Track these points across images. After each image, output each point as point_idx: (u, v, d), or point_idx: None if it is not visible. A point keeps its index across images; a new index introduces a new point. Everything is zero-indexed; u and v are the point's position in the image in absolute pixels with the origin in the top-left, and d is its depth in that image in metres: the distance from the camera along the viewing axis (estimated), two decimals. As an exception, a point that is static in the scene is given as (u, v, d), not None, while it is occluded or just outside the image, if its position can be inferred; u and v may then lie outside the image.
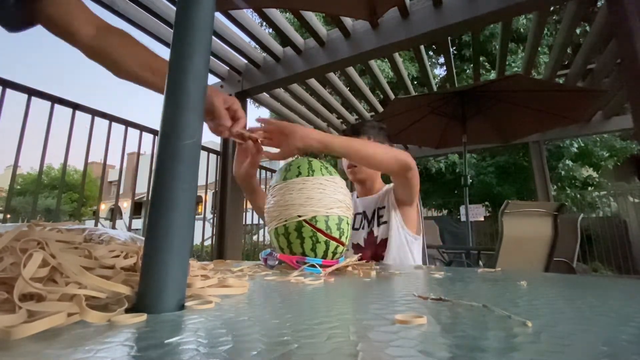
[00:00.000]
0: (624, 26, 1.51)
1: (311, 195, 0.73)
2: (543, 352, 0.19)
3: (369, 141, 1.03)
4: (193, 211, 0.34)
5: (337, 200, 0.75)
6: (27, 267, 0.29)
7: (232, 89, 2.91)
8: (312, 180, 0.75)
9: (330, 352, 0.19)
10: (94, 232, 0.51)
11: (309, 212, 0.71)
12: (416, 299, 0.36)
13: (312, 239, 0.72)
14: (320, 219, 0.72)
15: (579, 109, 2.80)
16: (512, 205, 2.03)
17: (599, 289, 0.46)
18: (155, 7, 2.06)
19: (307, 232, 0.72)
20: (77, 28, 0.67)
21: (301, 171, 0.77)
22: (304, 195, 0.73)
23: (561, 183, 7.18)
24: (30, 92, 1.70)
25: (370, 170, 1.27)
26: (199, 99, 0.36)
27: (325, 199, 0.73)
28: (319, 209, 0.72)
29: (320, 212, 0.72)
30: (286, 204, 0.73)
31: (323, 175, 0.77)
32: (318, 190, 0.74)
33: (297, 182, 0.75)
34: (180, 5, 0.38)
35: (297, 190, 0.73)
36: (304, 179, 0.75)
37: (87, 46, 0.69)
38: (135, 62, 0.70)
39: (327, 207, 0.73)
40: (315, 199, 0.73)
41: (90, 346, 0.21)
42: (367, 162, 0.99)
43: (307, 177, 0.75)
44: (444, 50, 2.81)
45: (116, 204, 2.19)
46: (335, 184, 0.77)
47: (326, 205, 0.73)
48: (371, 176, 1.29)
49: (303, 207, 0.72)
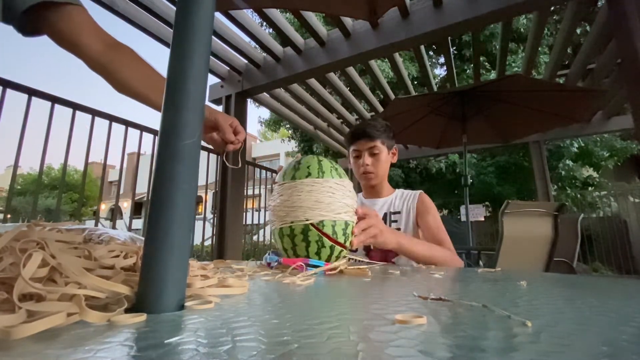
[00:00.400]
0: (624, 26, 1.51)
1: (320, 198, 0.72)
2: (543, 352, 0.19)
3: (432, 246, 1.07)
4: (193, 211, 0.34)
5: (345, 204, 0.75)
6: (27, 267, 0.29)
7: (232, 89, 2.91)
8: (322, 183, 0.74)
9: (330, 352, 0.19)
10: (94, 232, 0.51)
11: (316, 216, 0.71)
12: (416, 299, 0.36)
13: (317, 243, 0.72)
14: (328, 223, 0.72)
15: (579, 109, 2.80)
16: (512, 205, 2.03)
17: (599, 289, 0.46)
18: (155, 7, 2.06)
19: (314, 235, 0.71)
20: (85, 43, 0.69)
21: (311, 172, 0.76)
22: (313, 197, 0.72)
23: (561, 183, 7.18)
24: (30, 92, 1.70)
25: (383, 175, 1.29)
26: (199, 99, 0.36)
27: (334, 204, 0.73)
28: (327, 213, 0.72)
29: (328, 217, 0.72)
30: (294, 205, 0.73)
31: (333, 178, 0.76)
32: (327, 194, 0.73)
33: (306, 183, 0.74)
34: (180, 5, 0.38)
35: (306, 191, 0.73)
36: (313, 181, 0.74)
37: (94, 61, 0.71)
38: (139, 80, 0.72)
39: (335, 212, 0.73)
40: (324, 203, 0.72)
41: (90, 346, 0.21)
42: (427, 262, 1.04)
43: (317, 178, 0.75)
44: (444, 50, 2.82)
45: (116, 204, 2.19)
46: (344, 187, 0.77)
47: (334, 210, 0.73)
48: (383, 180, 1.30)
49: (311, 210, 0.71)
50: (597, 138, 7.08)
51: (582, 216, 2.95)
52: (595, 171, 7.61)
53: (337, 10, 1.82)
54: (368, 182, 1.29)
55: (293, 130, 8.21)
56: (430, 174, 7.60)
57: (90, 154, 1.96)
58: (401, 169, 7.54)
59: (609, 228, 5.97)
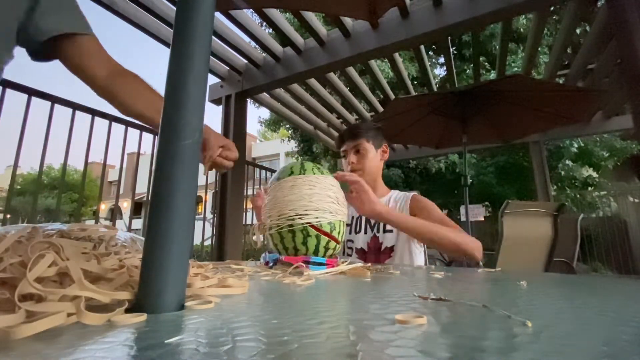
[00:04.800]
0: (624, 26, 1.51)
1: (302, 192, 0.77)
2: (543, 352, 0.19)
3: (434, 224, 1.04)
4: (193, 211, 0.34)
5: (326, 196, 0.78)
6: (35, 268, 0.29)
7: (232, 89, 2.91)
8: (302, 178, 0.79)
9: (330, 352, 0.19)
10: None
11: (298, 208, 0.75)
12: (416, 299, 0.36)
13: (302, 232, 0.74)
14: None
15: (579, 109, 2.79)
16: (512, 205, 2.04)
17: (599, 289, 0.46)
18: (155, 7, 2.06)
19: (298, 225, 0.75)
20: (92, 70, 0.74)
21: (293, 171, 0.81)
22: (295, 191, 0.77)
23: (561, 183, 7.17)
24: (30, 92, 1.70)
25: (374, 174, 1.28)
26: (199, 99, 0.36)
27: (314, 196, 0.77)
28: (309, 203, 0.75)
29: (311, 207, 0.75)
30: (277, 201, 0.77)
31: (314, 174, 0.80)
32: (307, 187, 0.77)
33: (288, 180, 0.79)
34: (180, 5, 0.38)
35: (288, 187, 0.78)
36: (294, 177, 0.79)
37: (99, 87, 0.75)
38: (142, 104, 0.76)
39: (316, 202, 0.76)
40: (305, 195, 0.76)
41: (90, 346, 0.21)
42: (429, 242, 1.05)
43: (298, 175, 0.79)
44: (444, 50, 2.82)
45: (116, 204, 2.19)
46: (325, 181, 0.80)
47: (315, 200, 0.76)
48: (374, 178, 1.30)
49: (293, 203, 0.75)
50: (597, 138, 7.08)
51: (581, 216, 2.95)
52: (595, 171, 7.61)
53: (337, 10, 1.82)
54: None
55: (293, 130, 8.21)
56: (430, 174, 7.60)
57: (90, 154, 1.96)
58: (401, 169, 7.54)
59: (608, 228, 5.97)
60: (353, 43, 2.38)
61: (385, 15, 2.17)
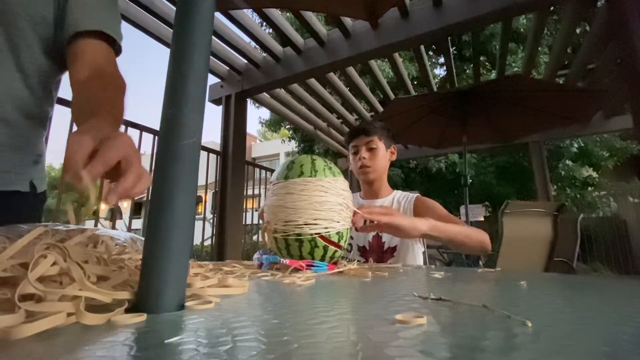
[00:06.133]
0: (624, 26, 1.51)
1: (313, 199, 0.72)
2: (543, 352, 0.19)
3: (459, 226, 1.05)
4: (193, 211, 0.34)
5: (337, 204, 0.75)
6: (37, 268, 0.29)
7: (232, 89, 2.91)
8: (314, 182, 0.73)
9: (330, 352, 0.19)
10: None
11: (309, 217, 0.71)
12: (416, 299, 0.36)
13: (310, 243, 0.71)
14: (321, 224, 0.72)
15: (579, 109, 2.80)
16: (512, 205, 2.03)
17: (599, 289, 0.46)
18: (155, 7, 2.06)
19: (306, 235, 0.72)
20: (73, 70, 0.64)
21: (304, 171, 0.75)
22: (305, 198, 0.72)
23: (561, 183, 7.18)
24: (30, 92, 1.69)
25: (381, 172, 1.29)
26: (199, 99, 0.36)
27: (326, 204, 0.73)
28: (319, 212, 0.72)
29: (320, 216, 0.71)
30: (286, 205, 0.72)
31: (326, 177, 0.75)
32: (319, 193, 0.73)
33: (298, 182, 0.73)
34: (180, 5, 0.38)
35: (298, 191, 0.72)
36: (305, 180, 0.73)
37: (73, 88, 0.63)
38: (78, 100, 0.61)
39: (328, 211, 0.73)
40: (316, 203, 0.72)
41: (90, 346, 0.21)
42: (459, 246, 1.03)
43: (310, 177, 0.74)
44: (444, 50, 2.82)
45: (116, 204, 2.18)
46: (337, 186, 0.76)
47: (327, 209, 0.73)
48: (380, 177, 1.30)
49: (304, 210, 0.71)
50: (597, 138, 7.08)
51: (581, 216, 2.95)
52: (595, 171, 7.61)
53: (337, 10, 1.82)
54: (366, 176, 1.29)
55: (293, 131, 8.21)
56: (430, 173, 7.60)
57: (90, 154, 1.95)
58: (401, 169, 7.54)
59: (608, 228, 5.96)
60: (353, 43, 2.38)
61: (385, 15, 2.18)
